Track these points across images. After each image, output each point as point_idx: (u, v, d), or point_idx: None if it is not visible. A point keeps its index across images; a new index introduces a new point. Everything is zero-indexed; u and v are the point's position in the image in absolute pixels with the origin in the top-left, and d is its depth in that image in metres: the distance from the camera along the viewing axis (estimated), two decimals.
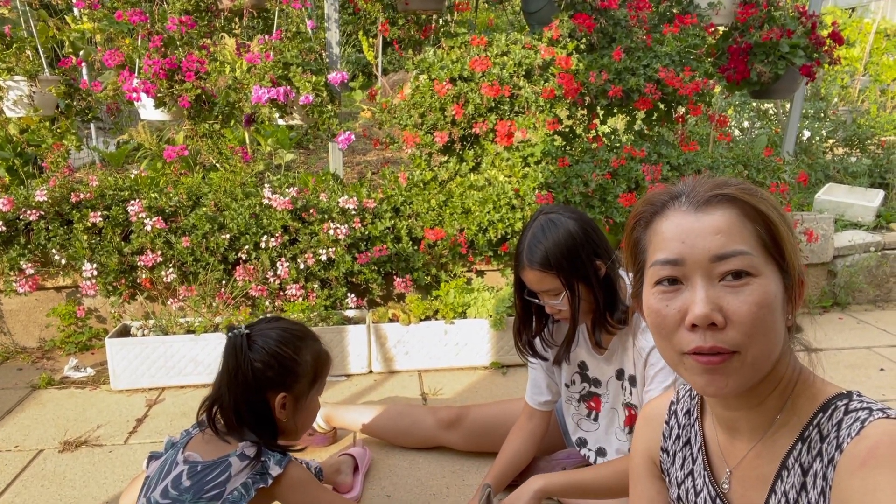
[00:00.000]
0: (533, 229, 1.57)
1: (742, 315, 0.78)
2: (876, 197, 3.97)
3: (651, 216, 0.88)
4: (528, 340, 1.75)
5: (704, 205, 0.82)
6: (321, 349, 1.52)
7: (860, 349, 2.93)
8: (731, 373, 0.80)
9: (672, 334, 0.82)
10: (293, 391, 1.43)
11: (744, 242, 0.80)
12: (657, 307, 0.83)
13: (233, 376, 1.39)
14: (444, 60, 3.00)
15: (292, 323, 1.51)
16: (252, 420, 1.40)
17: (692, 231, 0.81)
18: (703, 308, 0.78)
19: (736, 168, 3.02)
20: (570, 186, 2.84)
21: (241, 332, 1.41)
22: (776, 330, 0.80)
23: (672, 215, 0.84)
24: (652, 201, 0.89)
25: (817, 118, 5.04)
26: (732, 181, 0.85)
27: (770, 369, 0.83)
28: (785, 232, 0.82)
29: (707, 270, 0.80)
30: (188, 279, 2.75)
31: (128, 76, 2.82)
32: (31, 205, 2.67)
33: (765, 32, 3.17)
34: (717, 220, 0.81)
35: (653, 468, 1.08)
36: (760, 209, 0.82)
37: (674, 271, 0.82)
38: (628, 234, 0.92)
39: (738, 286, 0.79)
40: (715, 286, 0.79)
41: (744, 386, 0.82)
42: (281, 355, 1.40)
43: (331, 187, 3.00)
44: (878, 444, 0.73)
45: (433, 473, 2.00)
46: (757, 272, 0.79)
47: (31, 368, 2.73)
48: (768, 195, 0.85)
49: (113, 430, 2.25)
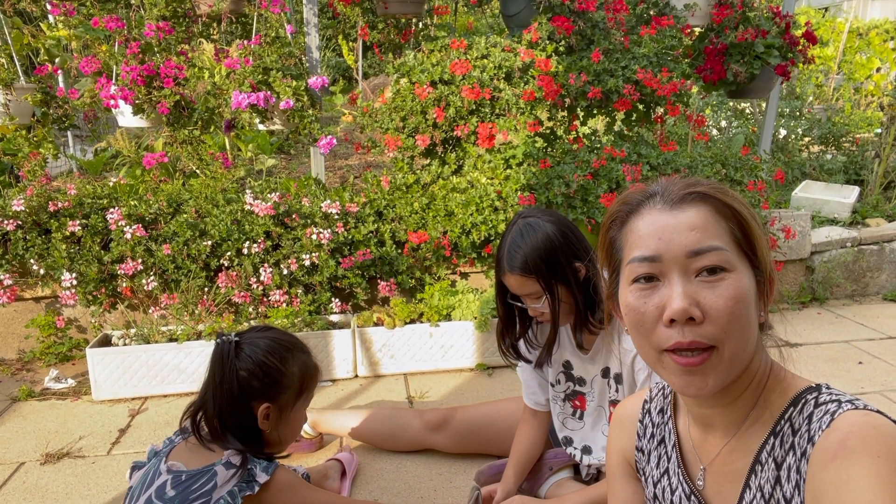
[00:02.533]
0: (512, 234, 1.58)
1: (719, 309, 0.79)
2: (851, 193, 4.04)
3: (626, 215, 0.89)
4: (511, 344, 1.75)
5: (679, 202, 0.84)
6: (310, 361, 1.51)
7: (839, 343, 2.98)
8: (710, 371, 0.81)
9: (651, 331, 0.83)
10: (278, 402, 1.42)
11: (718, 238, 0.82)
12: (635, 304, 0.84)
13: (218, 384, 1.38)
14: (424, 64, 3.01)
15: (283, 333, 1.50)
16: (236, 429, 1.39)
17: (668, 228, 0.83)
18: (681, 302, 0.79)
19: (714, 167, 3.06)
20: (552, 187, 2.86)
21: (229, 340, 1.40)
22: (751, 325, 0.82)
23: (647, 214, 0.86)
24: (627, 201, 0.90)
25: (793, 117, 5.12)
26: (704, 181, 0.87)
27: (745, 365, 0.85)
28: (756, 229, 0.84)
29: (684, 266, 0.81)
30: (170, 287, 2.73)
31: (105, 83, 2.80)
32: (8, 214, 2.63)
33: (740, 33, 3.21)
34: (692, 217, 0.82)
35: (628, 468, 1.08)
36: (733, 206, 0.84)
37: (651, 268, 0.83)
38: (604, 234, 0.93)
39: (714, 281, 0.80)
40: (692, 282, 0.81)
41: (723, 383, 0.83)
42: (267, 365, 1.40)
43: (313, 192, 2.99)
44: (847, 435, 0.75)
45: (420, 476, 2.00)
46: (731, 267, 0.81)
47: (11, 381, 2.69)
48: (738, 195, 0.87)
49: (95, 442, 2.22)
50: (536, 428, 1.89)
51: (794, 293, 3.49)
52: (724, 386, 0.84)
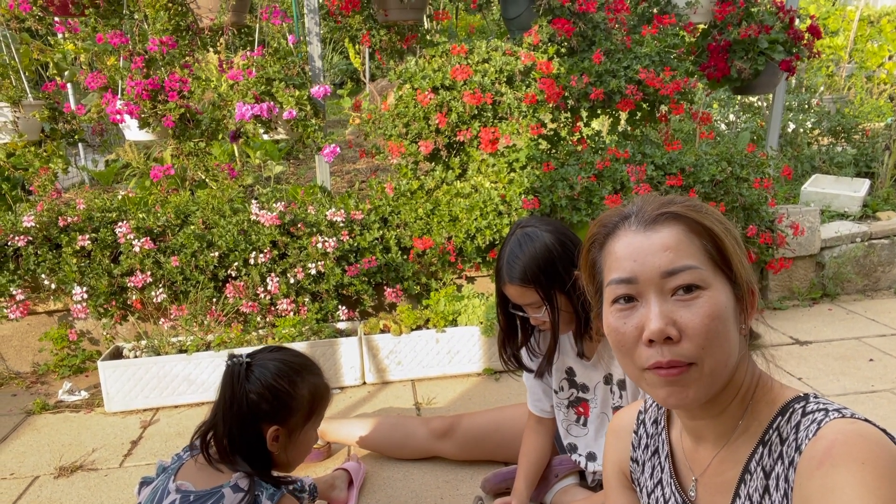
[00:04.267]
0: (510, 245, 1.59)
1: (695, 327, 0.80)
2: (862, 186, 4.00)
3: (605, 238, 0.91)
4: (512, 353, 1.76)
5: (652, 223, 0.86)
6: (320, 383, 1.51)
7: (849, 340, 2.95)
8: (691, 383, 0.82)
9: (632, 351, 0.85)
10: (287, 425, 1.43)
11: (691, 257, 0.83)
12: (615, 325, 0.86)
13: (228, 405, 1.39)
14: (425, 70, 3.01)
15: (294, 355, 1.50)
16: (245, 450, 1.39)
17: (642, 249, 0.85)
18: (657, 323, 0.81)
19: (720, 165, 3.04)
20: (556, 190, 2.86)
21: (241, 361, 1.40)
22: (730, 339, 0.83)
23: (623, 235, 0.88)
24: (604, 223, 0.92)
25: (802, 110, 5.07)
26: (678, 199, 0.89)
27: (729, 378, 0.86)
28: (730, 244, 0.85)
29: (659, 286, 0.83)
30: (179, 298, 2.76)
31: (111, 98, 2.83)
32: (20, 231, 2.68)
33: (743, 29, 3.19)
34: (665, 238, 0.84)
35: (623, 479, 1.09)
36: (705, 224, 0.85)
37: (628, 289, 0.85)
38: (585, 256, 0.95)
39: (690, 300, 0.82)
40: (668, 301, 0.82)
41: (705, 396, 0.84)
42: (276, 388, 1.40)
43: (318, 200, 3.01)
44: (833, 443, 0.76)
45: (427, 484, 2.01)
46: (706, 285, 0.82)
47: (26, 394, 2.74)
48: (713, 210, 0.89)
49: (108, 454, 2.26)
50: (543, 436, 1.89)
51: (804, 290, 3.46)
52: (709, 398, 0.85)
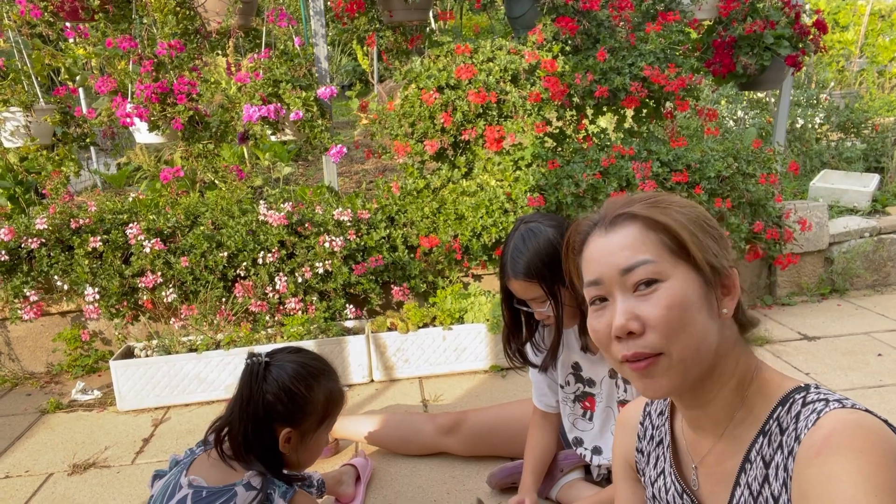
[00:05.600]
0: (514, 240, 1.61)
1: (655, 318, 0.84)
2: (871, 181, 3.98)
3: (580, 244, 0.96)
4: (517, 349, 1.77)
5: (611, 225, 0.91)
6: (335, 388, 1.52)
7: (858, 335, 2.94)
8: (662, 374, 0.85)
9: (608, 347, 0.89)
10: (300, 428, 1.44)
11: (647, 252, 0.87)
12: (592, 325, 0.91)
13: (245, 404, 1.41)
14: (430, 70, 3.03)
15: (313, 358, 1.51)
16: (258, 450, 1.41)
17: (604, 251, 0.89)
18: (619, 319, 0.85)
19: (726, 161, 3.04)
20: (562, 188, 2.87)
21: (260, 361, 1.42)
22: (696, 326, 0.85)
23: (592, 240, 0.93)
24: (579, 230, 0.97)
25: (810, 105, 5.04)
26: (640, 197, 0.93)
27: (711, 364, 0.88)
28: (687, 234, 0.88)
29: (621, 284, 0.87)
30: (189, 298, 2.80)
31: (121, 102, 2.87)
32: (32, 233, 2.72)
33: (748, 25, 3.19)
34: (622, 237, 0.89)
35: (630, 471, 1.11)
36: (659, 220, 0.88)
37: (599, 290, 0.90)
38: (568, 261, 1.00)
39: (649, 293, 0.85)
40: (630, 297, 0.86)
41: (682, 384, 0.86)
42: (292, 391, 1.41)
43: (326, 200, 3.04)
44: (832, 432, 0.77)
45: (434, 480, 2.03)
46: (664, 276, 0.85)
47: (40, 393, 2.79)
48: (677, 203, 0.91)
49: (120, 451, 2.30)
50: (548, 431, 1.90)
51: (812, 285, 3.45)
52: (691, 386, 0.88)
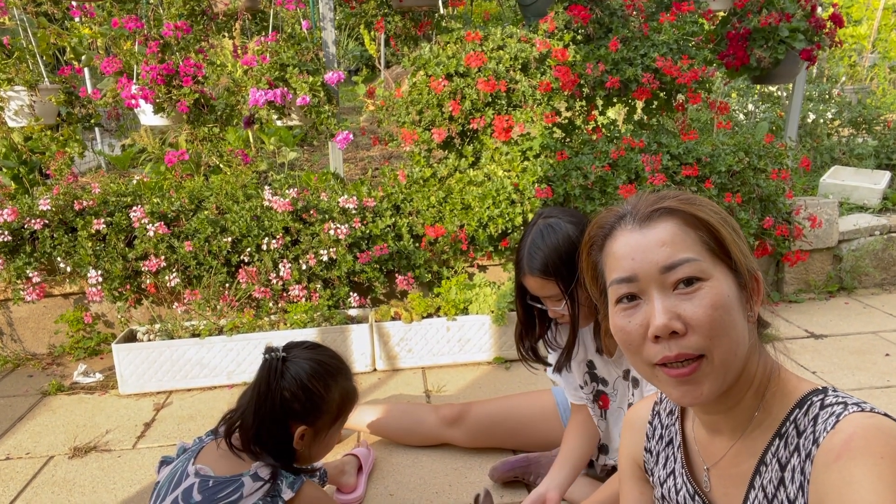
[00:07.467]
0: (532, 235, 1.56)
1: (700, 318, 0.81)
2: (882, 179, 3.93)
3: (603, 239, 0.92)
4: (531, 346, 1.74)
5: (647, 220, 0.87)
6: (350, 387, 1.52)
7: (866, 334, 2.92)
8: (703, 379, 0.82)
9: (640, 349, 0.85)
10: (315, 426, 1.44)
11: (689, 250, 0.83)
12: (621, 324, 0.87)
13: (262, 399, 1.40)
14: (439, 56, 2.99)
15: (330, 356, 1.51)
16: (270, 444, 1.41)
17: (640, 247, 0.85)
18: (661, 319, 0.81)
19: (737, 155, 3.00)
20: (570, 179, 2.83)
21: (278, 356, 1.41)
22: (737, 328, 0.83)
23: (620, 235, 0.88)
24: (601, 224, 0.92)
25: (822, 100, 4.98)
26: (672, 194, 0.89)
27: (742, 368, 0.85)
28: (727, 233, 0.85)
29: (660, 282, 0.83)
30: (192, 283, 2.78)
31: (126, 83, 2.84)
32: (36, 214, 2.70)
33: (763, 17, 3.13)
34: (661, 233, 0.85)
35: (637, 470, 1.09)
36: (699, 216, 0.85)
37: (630, 288, 0.86)
38: (585, 258, 0.96)
39: (692, 292, 0.82)
40: (670, 296, 0.83)
41: (719, 389, 0.83)
42: (310, 390, 1.41)
43: (331, 186, 3.01)
44: (852, 436, 0.75)
45: (436, 471, 2.02)
46: (707, 276, 0.82)
47: (42, 375, 2.78)
48: (708, 202, 0.89)
49: (121, 435, 2.29)
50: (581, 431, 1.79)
51: (820, 283, 3.42)
52: (723, 391, 0.84)
